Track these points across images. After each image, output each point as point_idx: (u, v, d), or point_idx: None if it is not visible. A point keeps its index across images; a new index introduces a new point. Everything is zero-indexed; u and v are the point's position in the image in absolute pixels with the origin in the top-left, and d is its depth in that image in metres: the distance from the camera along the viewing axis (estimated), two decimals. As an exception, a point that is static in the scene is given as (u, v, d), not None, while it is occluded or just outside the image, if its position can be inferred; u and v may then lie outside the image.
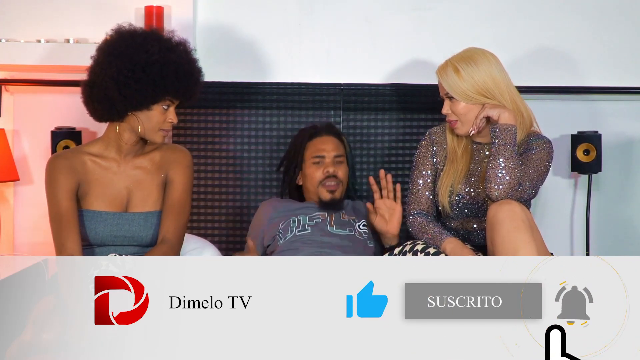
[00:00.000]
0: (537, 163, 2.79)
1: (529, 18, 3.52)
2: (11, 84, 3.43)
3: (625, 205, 3.58)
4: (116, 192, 2.72)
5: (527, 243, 2.54)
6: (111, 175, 2.73)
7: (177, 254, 2.71)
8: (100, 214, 2.70)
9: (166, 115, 2.69)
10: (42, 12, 3.38)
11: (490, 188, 2.68)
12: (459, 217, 2.92)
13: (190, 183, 2.79)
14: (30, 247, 3.46)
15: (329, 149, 3.17)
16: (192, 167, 2.82)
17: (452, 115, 2.84)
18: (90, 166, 2.71)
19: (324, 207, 3.11)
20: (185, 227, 2.77)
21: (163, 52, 2.64)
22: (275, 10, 3.51)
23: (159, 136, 2.71)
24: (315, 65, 3.52)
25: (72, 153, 2.74)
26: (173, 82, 2.64)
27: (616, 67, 3.52)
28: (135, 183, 2.74)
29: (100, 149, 2.74)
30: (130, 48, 2.64)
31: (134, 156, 2.75)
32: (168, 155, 2.79)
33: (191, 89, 2.71)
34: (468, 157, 2.92)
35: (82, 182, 2.69)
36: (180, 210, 2.73)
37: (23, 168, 3.44)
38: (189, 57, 2.72)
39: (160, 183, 2.76)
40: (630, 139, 3.55)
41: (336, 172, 3.13)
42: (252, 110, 3.44)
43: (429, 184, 2.97)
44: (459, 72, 2.79)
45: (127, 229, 2.71)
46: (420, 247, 2.84)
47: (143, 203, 2.73)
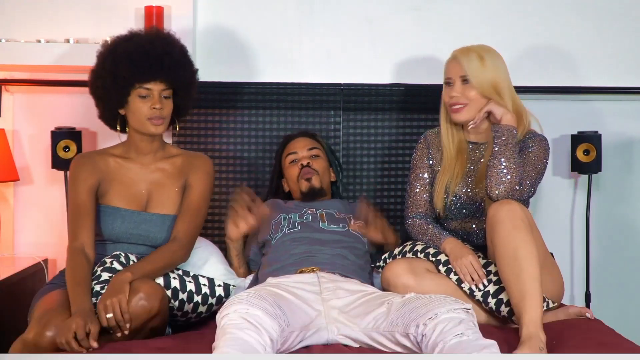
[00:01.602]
0: (535, 160, 2.79)
1: (528, 18, 3.52)
2: (11, 84, 3.43)
3: (625, 205, 3.58)
4: (136, 191, 2.78)
5: (526, 243, 2.54)
6: (133, 175, 2.79)
7: (187, 255, 2.73)
8: (119, 211, 2.74)
9: (147, 104, 2.71)
10: (42, 12, 3.38)
11: (491, 187, 2.68)
12: (457, 218, 2.92)
13: (209, 189, 2.83)
14: (30, 247, 3.46)
15: (301, 146, 3.21)
16: (213, 175, 2.87)
17: (461, 98, 2.83)
18: (113, 166, 2.79)
19: (305, 198, 3.13)
20: (199, 231, 2.80)
21: (120, 44, 2.72)
22: (275, 11, 3.51)
23: (150, 126, 2.73)
24: (315, 65, 3.52)
25: (97, 153, 2.84)
26: (131, 68, 2.67)
27: (616, 67, 3.52)
28: (155, 185, 2.79)
29: (123, 151, 2.83)
30: (102, 52, 2.76)
31: (154, 159, 2.81)
32: (190, 161, 2.84)
33: (162, 69, 2.70)
34: (464, 157, 2.92)
35: (104, 180, 2.76)
36: (196, 213, 2.77)
37: (23, 168, 3.44)
38: (152, 38, 2.74)
39: (180, 187, 2.81)
40: (630, 139, 3.55)
41: (311, 164, 3.15)
42: (252, 110, 3.44)
43: (427, 186, 2.97)
44: (483, 60, 2.81)
45: (143, 227, 2.74)
46: (420, 247, 2.84)
47: (161, 205, 2.78)
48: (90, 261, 2.61)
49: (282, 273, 2.76)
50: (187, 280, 2.65)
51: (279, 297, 2.40)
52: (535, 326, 2.43)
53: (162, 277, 2.61)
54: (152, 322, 2.48)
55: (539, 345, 2.36)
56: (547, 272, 2.66)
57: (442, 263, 2.76)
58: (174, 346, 2.37)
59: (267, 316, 2.23)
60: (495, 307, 2.68)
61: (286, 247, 2.89)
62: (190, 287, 2.64)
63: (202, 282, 2.68)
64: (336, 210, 3.09)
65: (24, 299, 3.08)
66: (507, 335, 2.56)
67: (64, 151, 3.31)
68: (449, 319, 2.25)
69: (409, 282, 2.70)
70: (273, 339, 2.21)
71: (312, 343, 2.42)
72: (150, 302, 2.44)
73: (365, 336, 2.43)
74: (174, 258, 2.67)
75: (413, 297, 2.42)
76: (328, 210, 3.07)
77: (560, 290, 2.80)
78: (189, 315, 2.66)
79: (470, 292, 2.70)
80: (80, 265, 2.58)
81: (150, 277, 2.54)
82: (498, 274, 2.66)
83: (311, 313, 2.46)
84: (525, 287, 2.49)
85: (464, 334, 2.21)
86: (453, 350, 2.17)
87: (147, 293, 2.45)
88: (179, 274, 2.67)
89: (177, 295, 2.61)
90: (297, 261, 2.80)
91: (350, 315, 2.48)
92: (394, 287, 2.72)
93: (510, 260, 2.53)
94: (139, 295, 2.43)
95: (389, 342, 2.39)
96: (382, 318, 2.41)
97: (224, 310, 2.24)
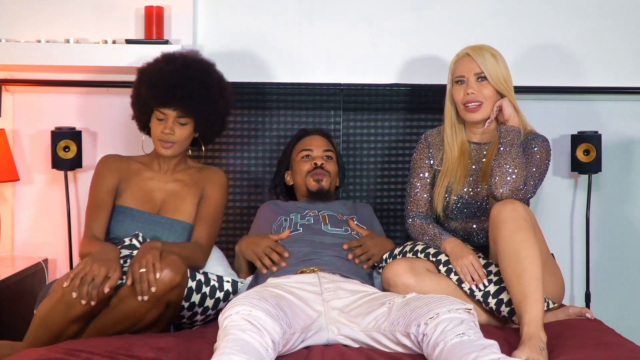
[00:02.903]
0: (539, 161, 2.80)
1: (528, 18, 3.52)
2: (11, 84, 3.43)
3: (625, 206, 3.58)
4: (152, 196, 2.88)
5: (529, 243, 2.54)
6: (151, 183, 2.90)
7: (206, 259, 2.82)
8: (131, 211, 2.82)
9: (161, 126, 2.84)
10: (42, 12, 3.38)
11: (496, 187, 2.68)
12: (458, 218, 2.93)
13: (223, 201, 2.94)
14: (30, 247, 3.46)
15: (318, 145, 3.19)
16: (228, 189, 2.98)
17: (478, 96, 2.83)
18: (135, 170, 2.91)
19: (312, 197, 3.12)
20: (215, 239, 2.89)
21: (154, 64, 2.87)
22: (275, 11, 3.51)
23: (158, 146, 2.87)
24: (315, 65, 3.52)
25: (123, 157, 2.98)
26: (147, 89, 2.82)
27: (616, 67, 3.52)
28: (171, 193, 2.90)
29: (147, 160, 2.95)
30: (140, 70, 2.91)
31: (173, 171, 2.92)
32: (206, 173, 2.96)
33: (168, 97, 2.81)
34: (466, 157, 2.92)
35: (124, 180, 2.87)
36: (212, 223, 2.87)
37: (23, 168, 3.44)
38: (178, 67, 2.83)
39: (196, 196, 2.90)
40: (630, 139, 3.55)
41: (324, 165, 3.14)
42: (252, 110, 3.44)
43: (427, 186, 2.97)
44: (496, 57, 2.83)
45: (151, 228, 2.79)
46: (420, 247, 2.84)
47: (174, 210, 2.86)
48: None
49: (282, 273, 2.76)
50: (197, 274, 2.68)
51: (281, 298, 2.40)
52: (536, 326, 2.43)
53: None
54: (171, 295, 2.50)
55: (540, 345, 2.36)
56: (548, 273, 2.66)
57: (443, 263, 2.76)
58: (175, 345, 2.37)
59: (269, 318, 2.22)
60: (496, 307, 2.68)
61: (287, 248, 2.89)
62: (200, 277, 2.65)
63: (211, 277, 2.70)
64: (338, 212, 3.09)
65: (24, 299, 3.08)
66: (507, 335, 2.56)
67: (64, 151, 3.31)
68: (450, 319, 2.25)
69: (409, 281, 2.70)
70: (275, 341, 2.21)
71: (312, 343, 2.43)
72: (174, 272, 2.48)
73: (366, 336, 2.43)
74: (197, 255, 2.76)
75: (414, 297, 2.42)
76: (330, 212, 3.07)
77: (561, 291, 2.80)
78: (195, 309, 2.66)
79: (471, 292, 2.70)
80: (99, 240, 2.71)
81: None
82: (498, 274, 2.67)
83: (312, 314, 2.45)
84: (527, 287, 2.49)
85: (465, 334, 2.21)
86: (454, 350, 2.17)
87: (172, 263, 2.50)
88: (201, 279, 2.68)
89: (191, 296, 2.62)
90: (298, 262, 2.80)
91: (351, 315, 2.48)
92: (394, 287, 2.72)
93: (513, 260, 2.53)
94: (165, 262, 2.49)
95: (390, 342, 2.38)
96: (383, 318, 2.41)
97: (227, 312, 2.24)
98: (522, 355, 2.31)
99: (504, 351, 2.29)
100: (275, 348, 2.21)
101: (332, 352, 2.33)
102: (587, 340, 2.44)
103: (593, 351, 2.33)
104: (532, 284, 2.49)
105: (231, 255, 3.11)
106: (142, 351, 2.28)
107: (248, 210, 3.43)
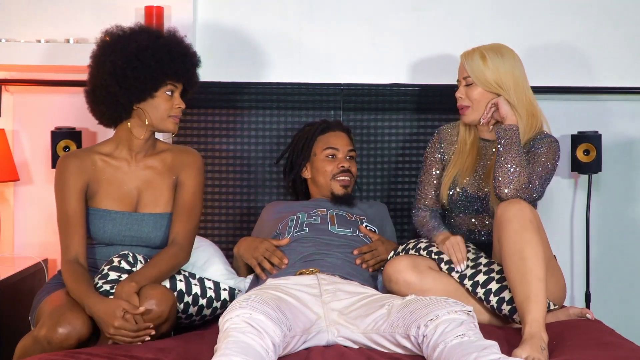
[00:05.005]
0: (544, 161, 2.79)
1: (528, 18, 3.52)
2: (11, 84, 3.43)
3: (625, 206, 3.58)
4: (126, 191, 2.72)
5: (533, 243, 2.54)
6: (121, 174, 2.72)
7: (188, 256, 2.71)
8: (110, 213, 2.68)
9: (172, 101, 2.69)
10: (42, 12, 3.38)
11: (500, 187, 2.68)
12: (461, 212, 2.93)
13: (201, 185, 2.79)
14: (30, 247, 3.46)
15: (343, 144, 3.16)
16: (204, 170, 2.82)
17: (465, 100, 2.86)
18: (101, 165, 2.71)
19: (336, 202, 3.09)
20: (196, 229, 2.78)
21: (152, 39, 2.67)
22: (275, 11, 3.51)
23: (170, 123, 2.70)
24: (315, 65, 3.51)
25: (83, 152, 2.74)
26: (168, 63, 2.65)
27: (617, 68, 3.52)
28: (145, 183, 2.73)
29: (111, 148, 2.74)
30: (120, 42, 2.66)
31: (144, 156, 2.75)
32: (179, 157, 2.78)
33: (188, 70, 2.72)
34: (475, 151, 2.93)
35: (92, 181, 2.68)
36: (191, 213, 2.74)
37: (23, 168, 3.44)
38: (179, 39, 2.74)
39: (171, 185, 2.76)
40: (630, 139, 3.55)
41: (350, 168, 3.13)
42: (252, 110, 3.44)
43: (435, 180, 2.99)
44: (485, 59, 2.83)
45: (136, 229, 2.70)
46: (423, 244, 2.84)
47: (153, 204, 2.73)
48: (87, 270, 2.59)
49: (281, 274, 2.76)
50: (193, 283, 2.65)
51: (281, 301, 2.39)
52: (538, 326, 2.43)
53: (168, 280, 2.61)
54: (162, 328, 2.49)
55: (541, 345, 2.37)
56: (550, 275, 2.66)
57: (445, 262, 2.76)
58: (175, 347, 2.37)
59: (269, 321, 2.22)
60: (497, 306, 2.68)
61: (291, 249, 2.88)
62: (196, 290, 2.64)
63: (207, 285, 2.68)
64: (349, 213, 3.07)
65: (24, 299, 3.08)
66: (508, 335, 2.56)
67: (64, 151, 3.31)
68: (450, 320, 2.26)
69: (411, 278, 2.71)
70: (275, 344, 2.21)
71: (312, 345, 2.42)
72: (161, 308, 2.44)
73: (365, 338, 2.43)
74: (177, 260, 2.66)
75: (413, 299, 2.42)
76: (339, 212, 3.05)
77: (562, 293, 2.80)
78: (193, 317, 2.66)
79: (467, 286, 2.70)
80: (81, 273, 2.55)
81: (155, 282, 2.54)
82: (501, 273, 2.67)
83: (312, 317, 2.45)
84: (530, 287, 2.49)
85: (465, 335, 2.21)
86: (454, 351, 2.17)
87: (158, 299, 2.45)
88: (185, 275, 2.67)
89: (183, 298, 2.61)
90: (299, 262, 2.80)
91: (350, 317, 2.48)
92: (395, 284, 2.72)
93: (517, 260, 2.54)
94: (151, 302, 2.43)
95: (390, 344, 2.38)
96: (383, 319, 2.40)
97: (227, 314, 2.24)
98: (523, 353, 2.31)
99: (505, 351, 2.29)
100: (275, 351, 2.21)
101: (332, 353, 2.33)
102: (588, 340, 2.44)
103: (593, 351, 2.33)
104: (536, 285, 2.49)
105: (231, 255, 3.11)
106: (142, 352, 2.29)
107: (248, 211, 3.43)
